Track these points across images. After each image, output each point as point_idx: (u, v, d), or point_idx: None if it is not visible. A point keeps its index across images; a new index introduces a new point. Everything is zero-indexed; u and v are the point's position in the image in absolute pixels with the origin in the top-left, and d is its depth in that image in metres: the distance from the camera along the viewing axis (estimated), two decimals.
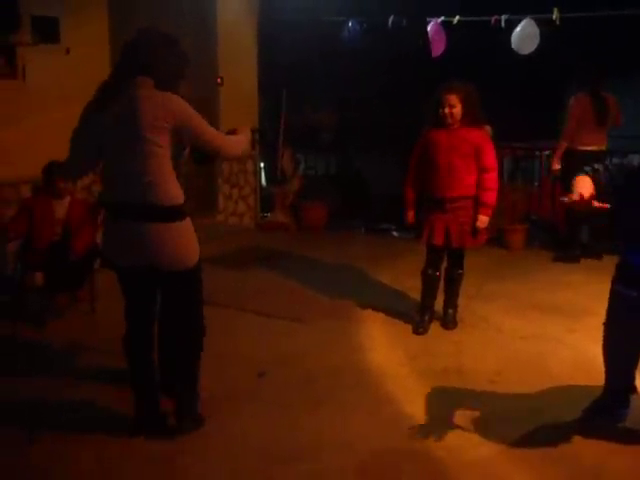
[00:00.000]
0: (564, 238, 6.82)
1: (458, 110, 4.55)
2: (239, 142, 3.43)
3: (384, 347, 4.63)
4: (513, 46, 7.00)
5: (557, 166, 6.68)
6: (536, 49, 6.98)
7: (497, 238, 7.16)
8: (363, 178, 8.64)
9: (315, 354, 4.44)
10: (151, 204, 3.11)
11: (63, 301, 5.10)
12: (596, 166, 3.23)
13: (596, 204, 3.04)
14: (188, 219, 3.26)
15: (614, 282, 3.35)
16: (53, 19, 5.71)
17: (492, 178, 4.69)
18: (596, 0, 6.52)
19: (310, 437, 3.42)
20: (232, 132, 3.51)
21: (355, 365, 4.28)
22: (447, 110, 4.55)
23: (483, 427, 3.50)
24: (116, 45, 6.16)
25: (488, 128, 4.87)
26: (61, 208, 4.90)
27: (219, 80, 7.11)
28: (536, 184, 8.23)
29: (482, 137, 4.67)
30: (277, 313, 5.16)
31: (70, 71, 5.78)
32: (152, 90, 3.13)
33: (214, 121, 6.43)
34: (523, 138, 8.36)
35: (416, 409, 3.71)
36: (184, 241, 3.23)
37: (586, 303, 5.41)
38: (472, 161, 4.64)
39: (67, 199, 4.94)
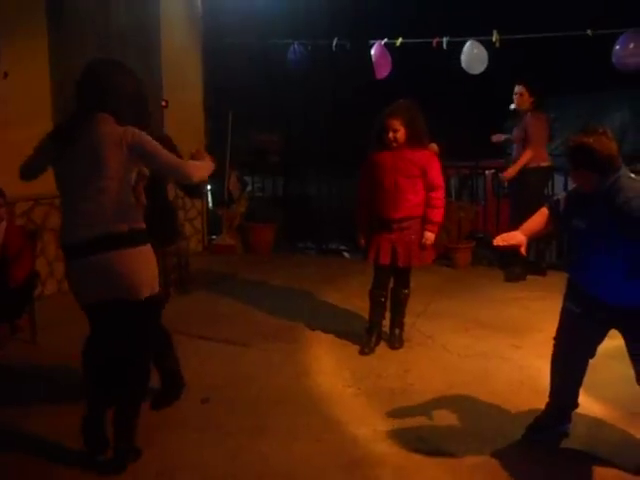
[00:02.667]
0: (507, 256, 6.91)
1: (402, 134, 4.59)
2: (199, 166, 3.40)
3: (331, 369, 4.60)
4: (463, 66, 7.10)
5: (511, 175, 6.67)
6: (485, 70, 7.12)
7: (444, 256, 7.24)
8: (311, 198, 8.65)
9: (261, 378, 4.39)
10: (106, 233, 3.14)
11: (2, 331, 4.95)
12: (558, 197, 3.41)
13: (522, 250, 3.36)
14: (148, 246, 3.28)
15: (564, 298, 3.41)
16: None
17: (439, 196, 4.75)
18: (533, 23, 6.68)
19: (253, 465, 3.37)
20: (193, 156, 3.54)
21: (301, 389, 4.25)
22: (391, 135, 4.59)
23: (427, 447, 3.49)
24: (56, 70, 6.12)
25: (434, 146, 4.92)
26: None
27: (164, 103, 7.08)
28: (482, 202, 8.36)
29: (427, 157, 4.72)
30: (224, 337, 5.10)
31: (9, 96, 5.68)
32: (111, 125, 3.17)
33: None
34: (468, 157, 8.49)
35: (362, 432, 3.68)
36: (142, 266, 3.24)
37: (531, 319, 5.49)
38: (418, 181, 4.68)
39: (3, 225, 4.80)
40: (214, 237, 8.19)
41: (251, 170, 8.57)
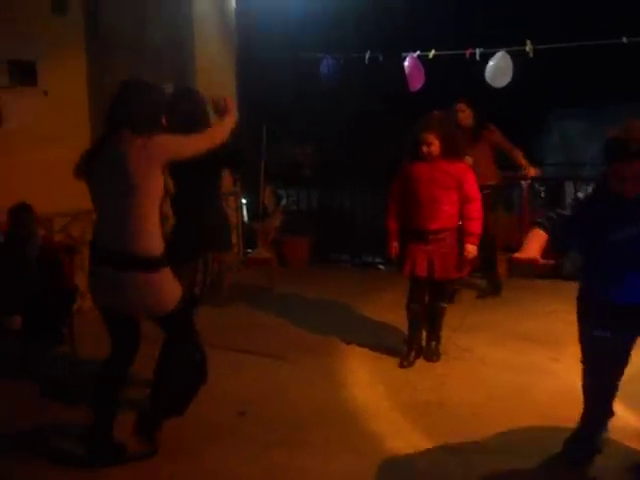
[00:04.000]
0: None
1: (437, 147, 4.58)
2: (222, 127, 3.59)
3: (366, 382, 4.58)
4: (487, 79, 7.06)
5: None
6: (512, 81, 7.06)
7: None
8: (345, 211, 8.65)
9: (297, 392, 4.39)
10: (130, 254, 3.25)
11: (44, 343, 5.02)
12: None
13: (541, 261, 3.09)
14: (167, 269, 3.36)
15: (585, 323, 3.31)
16: (30, 63, 5.73)
17: (476, 208, 4.72)
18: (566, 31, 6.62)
19: (292, 477, 3.37)
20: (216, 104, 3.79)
21: (337, 402, 4.23)
22: (425, 149, 4.59)
23: (466, 461, 3.46)
24: (94, 88, 6.23)
25: (469, 159, 4.90)
26: (33, 249, 4.84)
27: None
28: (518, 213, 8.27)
29: (463, 169, 4.71)
30: (259, 351, 5.11)
31: (47, 113, 5.80)
32: (135, 139, 3.26)
33: None
34: (503, 167, 8.42)
35: (399, 444, 3.66)
36: (160, 291, 3.34)
37: (571, 332, 5.38)
38: (454, 193, 4.67)
39: (38, 240, 4.88)
40: (250, 251, 8.23)
41: (285, 183, 8.60)
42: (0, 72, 5.54)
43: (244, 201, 8.43)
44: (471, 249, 4.67)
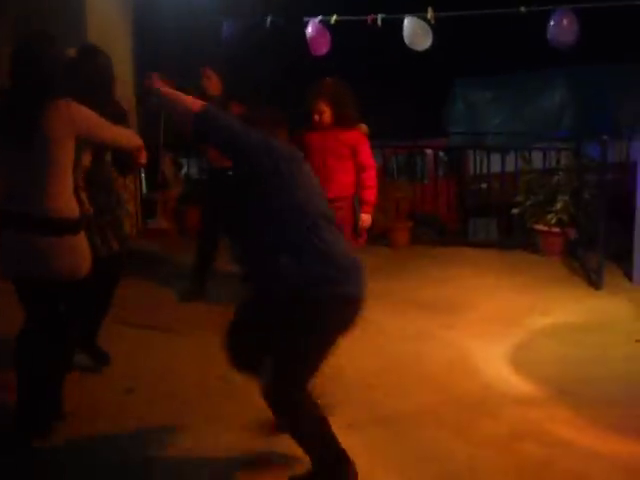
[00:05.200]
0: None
1: (328, 115, 4.50)
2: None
3: None
4: (407, 42, 6.91)
5: None
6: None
7: (382, 236, 7.19)
8: None
9: (183, 370, 4.24)
10: (44, 216, 3.12)
11: None
12: None
13: None
14: (81, 234, 3.25)
15: None
16: None
17: (371, 176, 4.67)
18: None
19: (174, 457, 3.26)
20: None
21: (222, 378, 4.06)
22: (316, 117, 4.50)
23: (358, 432, 3.42)
24: None
25: (363, 126, 4.83)
26: None
27: None
28: (425, 182, 8.35)
29: (357, 137, 4.64)
30: (150, 324, 4.94)
31: None
32: (53, 100, 3.11)
33: None
34: (409, 136, 8.46)
35: None
36: (74, 256, 3.22)
37: (467, 298, 5.48)
38: (348, 161, 4.60)
39: None
40: (149, 221, 7.97)
41: (187, 152, 8.36)
42: None
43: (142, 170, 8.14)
44: (366, 218, 4.64)
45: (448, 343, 4.60)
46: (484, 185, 8.51)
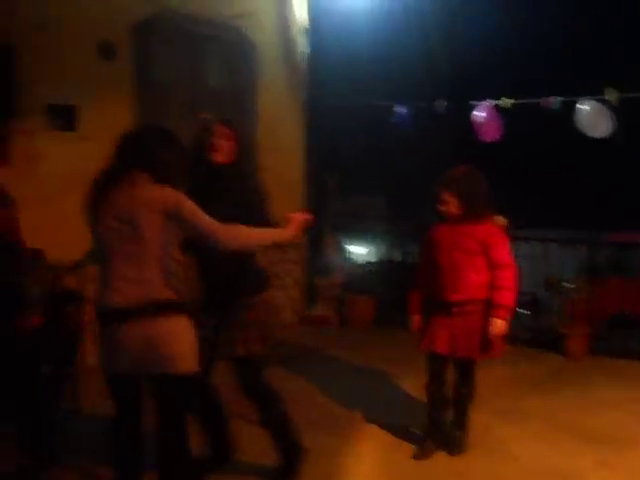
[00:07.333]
0: None
1: (453, 206, 4.01)
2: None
3: (367, 474, 3.98)
4: (583, 129, 6.28)
5: None
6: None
7: (554, 344, 6.37)
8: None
9: None
10: (145, 301, 2.95)
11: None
12: None
13: None
14: (185, 318, 3.04)
15: None
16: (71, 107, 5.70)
17: (507, 276, 4.04)
18: None
19: None
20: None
21: None
22: (441, 207, 4.05)
23: None
24: None
25: (500, 219, 4.28)
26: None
27: None
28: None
29: (489, 231, 4.08)
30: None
31: (88, 159, 5.70)
32: (149, 185, 3.01)
33: None
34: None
35: None
36: (175, 339, 2.99)
37: (634, 429, 4.57)
38: (480, 259, 4.04)
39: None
40: (309, 307, 7.80)
41: (352, 237, 8.15)
42: (40, 115, 5.54)
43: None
44: (498, 324, 3.99)
45: None
46: None
